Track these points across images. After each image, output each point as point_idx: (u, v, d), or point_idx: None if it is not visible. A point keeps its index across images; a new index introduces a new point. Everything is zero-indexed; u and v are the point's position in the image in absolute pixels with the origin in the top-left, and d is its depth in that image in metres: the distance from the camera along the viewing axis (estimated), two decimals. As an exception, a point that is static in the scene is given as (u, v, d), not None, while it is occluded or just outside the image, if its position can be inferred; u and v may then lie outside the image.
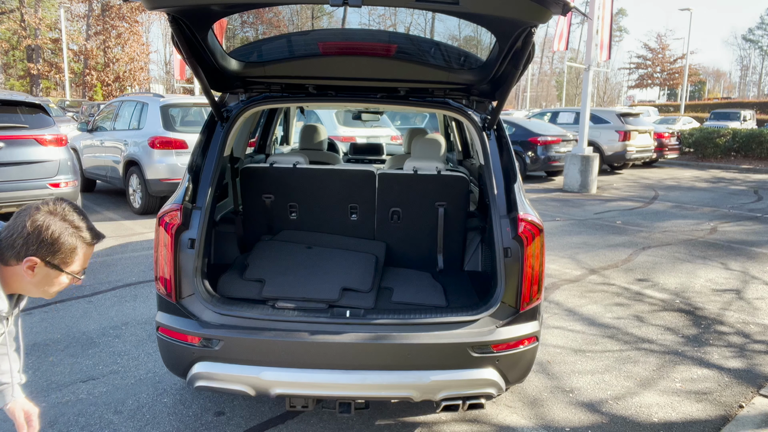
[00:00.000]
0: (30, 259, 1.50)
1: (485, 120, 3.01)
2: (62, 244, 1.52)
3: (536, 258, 2.59)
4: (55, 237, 1.51)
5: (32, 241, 1.50)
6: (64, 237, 1.52)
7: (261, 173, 3.48)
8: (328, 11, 3.03)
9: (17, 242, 1.50)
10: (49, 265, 1.53)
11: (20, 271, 1.53)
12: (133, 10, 36.49)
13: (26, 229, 1.50)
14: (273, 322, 2.53)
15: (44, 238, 1.50)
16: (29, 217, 1.51)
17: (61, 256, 1.54)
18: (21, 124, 6.86)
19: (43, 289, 1.60)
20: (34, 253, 1.51)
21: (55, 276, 1.57)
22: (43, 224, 1.50)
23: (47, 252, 1.51)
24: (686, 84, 38.56)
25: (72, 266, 1.58)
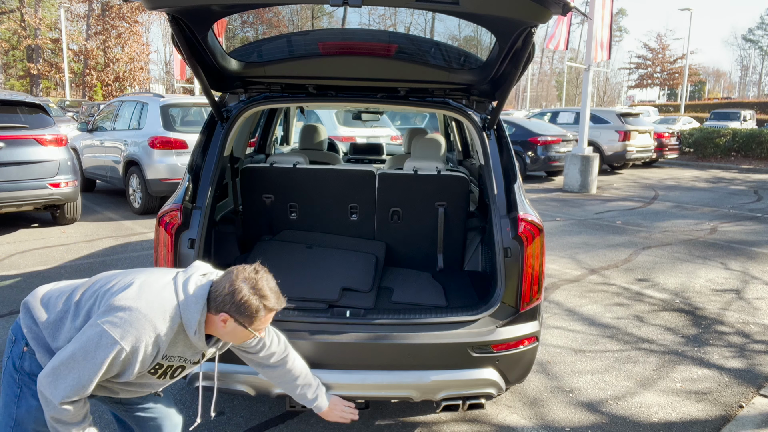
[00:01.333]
0: (223, 315, 1.82)
1: (485, 120, 3.01)
2: (248, 308, 1.81)
3: (536, 258, 2.59)
4: (243, 301, 1.80)
5: (228, 301, 1.80)
6: (251, 302, 1.81)
7: (261, 173, 3.48)
8: (328, 11, 3.03)
9: (218, 298, 1.81)
10: (237, 322, 1.83)
11: (217, 321, 1.84)
12: (133, 10, 36.48)
13: (225, 290, 1.81)
14: (273, 322, 2.52)
15: (236, 300, 1.80)
16: (232, 280, 1.82)
17: (247, 317, 1.82)
18: (21, 124, 6.86)
19: (230, 339, 1.91)
20: (227, 311, 1.81)
21: (241, 331, 1.86)
22: (237, 288, 1.80)
23: (236, 312, 1.81)
24: (686, 84, 38.57)
25: (254, 325, 1.86)
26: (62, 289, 1.95)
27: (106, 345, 1.68)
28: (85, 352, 1.68)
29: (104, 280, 1.88)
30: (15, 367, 1.87)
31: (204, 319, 1.82)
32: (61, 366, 1.69)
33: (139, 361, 1.74)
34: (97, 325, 1.70)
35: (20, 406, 1.86)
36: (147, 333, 1.72)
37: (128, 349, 1.70)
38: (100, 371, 1.69)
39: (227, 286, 1.81)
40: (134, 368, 1.75)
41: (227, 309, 1.81)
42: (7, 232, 7.32)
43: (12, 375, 1.87)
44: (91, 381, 1.70)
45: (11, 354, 1.89)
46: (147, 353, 1.74)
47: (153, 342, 1.74)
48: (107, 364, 1.69)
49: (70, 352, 1.69)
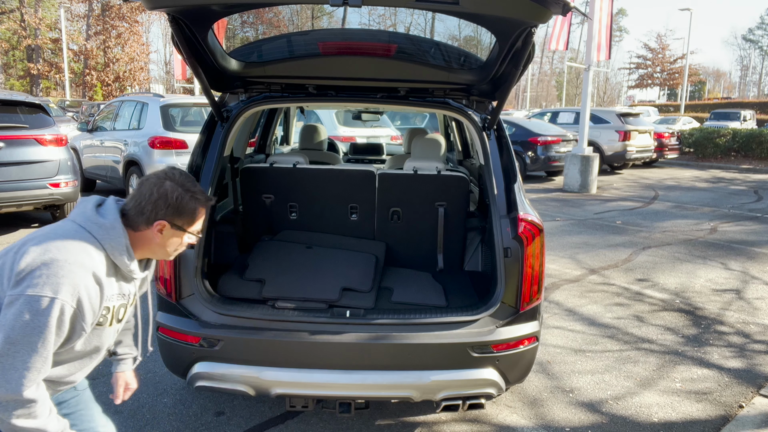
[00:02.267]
0: (160, 222, 1.67)
1: (485, 120, 3.01)
2: (186, 207, 1.69)
3: (536, 258, 2.59)
4: (180, 201, 1.67)
5: (161, 206, 1.66)
6: (186, 200, 1.69)
7: (261, 173, 3.48)
8: (328, 11, 3.03)
9: (147, 209, 1.65)
10: (175, 227, 1.70)
11: (150, 234, 1.69)
12: (133, 10, 36.48)
13: (153, 196, 1.65)
14: (273, 322, 2.53)
15: (171, 202, 1.66)
16: (153, 185, 1.67)
17: (187, 217, 1.71)
18: (21, 124, 6.86)
19: (166, 251, 1.75)
20: (163, 217, 1.66)
21: (179, 237, 1.73)
22: (168, 190, 1.66)
23: (174, 214, 1.68)
24: (686, 84, 38.57)
25: (194, 226, 1.75)
26: None
27: (41, 309, 1.45)
28: (23, 329, 1.44)
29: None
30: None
31: (128, 241, 1.65)
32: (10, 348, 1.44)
33: (88, 310, 1.54)
34: (18, 297, 1.45)
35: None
36: (81, 276, 1.51)
37: (70, 301, 1.49)
38: (48, 340, 1.47)
39: (153, 193, 1.65)
40: (86, 321, 1.55)
41: (162, 215, 1.66)
42: (7, 232, 7.32)
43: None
44: (45, 356, 1.48)
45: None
46: (92, 298, 1.55)
47: (93, 283, 1.55)
48: (53, 328, 1.47)
49: (3, 339, 1.44)
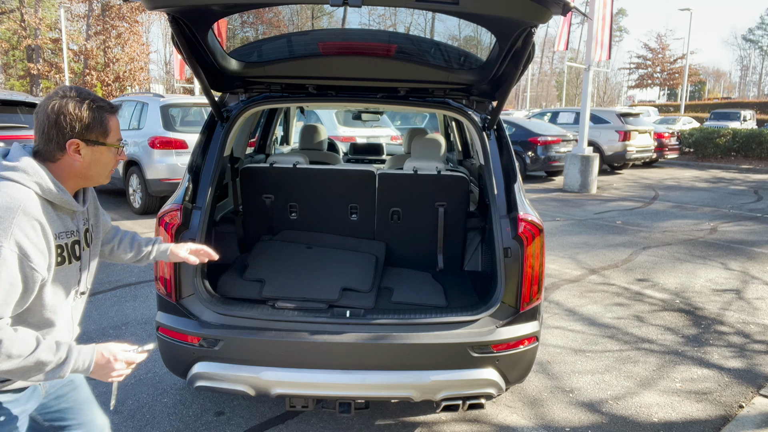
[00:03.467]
0: (72, 141, 1.51)
1: (485, 120, 3.01)
2: (95, 117, 1.53)
3: (536, 258, 2.59)
4: (80, 113, 1.51)
5: (63, 125, 1.49)
6: (92, 110, 1.53)
7: (261, 173, 3.48)
8: (328, 11, 3.03)
9: (52, 133, 1.50)
10: (90, 143, 1.54)
11: (69, 160, 1.54)
12: (133, 10, 36.47)
13: (51, 118, 1.49)
14: (273, 322, 2.53)
15: (72, 117, 1.50)
16: (46, 108, 1.50)
17: (97, 130, 1.55)
18: (21, 124, 6.86)
19: (98, 172, 1.60)
20: (71, 135, 1.51)
21: (100, 153, 1.57)
22: (64, 106, 1.50)
23: (86, 130, 1.52)
24: (686, 84, 38.57)
25: (110, 136, 1.58)
26: None
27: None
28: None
29: None
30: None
31: (50, 173, 1.50)
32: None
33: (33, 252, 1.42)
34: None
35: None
36: (16, 220, 1.40)
37: (12, 247, 1.38)
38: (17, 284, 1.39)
39: (50, 115, 1.49)
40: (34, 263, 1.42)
41: (73, 135, 1.50)
42: (7, 232, 7.32)
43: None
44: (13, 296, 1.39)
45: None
46: (34, 238, 1.43)
47: (30, 225, 1.43)
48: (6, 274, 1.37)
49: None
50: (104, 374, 1.54)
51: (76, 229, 1.64)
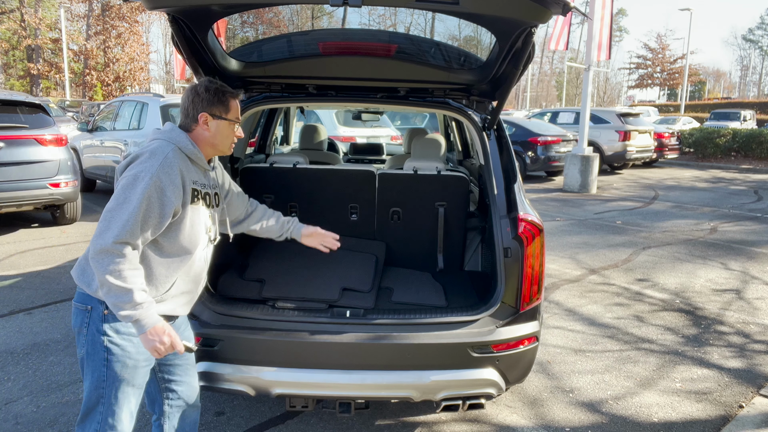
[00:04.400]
0: (202, 115, 1.95)
1: (485, 120, 3.01)
2: (216, 93, 1.96)
3: (536, 258, 2.59)
4: (209, 93, 1.95)
5: (197, 103, 1.95)
6: (214, 88, 1.96)
7: (261, 173, 3.48)
8: (328, 11, 3.03)
9: (189, 109, 1.97)
10: (215, 117, 1.97)
11: (200, 130, 1.98)
12: (133, 10, 36.47)
13: (190, 97, 1.96)
14: (273, 322, 2.53)
15: (203, 97, 1.95)
16: (188, 91, 1.98)
17: (220, 107, 1.97)
18: (21, 124, 6.86)
19: (222, 142, 2.02)
20: (201, 109, 1.95)
21: (224, 126, 1.99)
22: (195, 87, 1.96)
23: (210, 104, 1.95)
24: (686, 84, 38.56)
25: (231, 113, 2.00)
26: None
27: (137, 179, 1.78)
28: (125, 194, 1.77)
29: None
30: (100, 331, 1.88)
31: (188, 138, 1.95)
32: (108, 213, 1.75)
33: (168, 185, 1.82)
34: (124, 177, 1.81)
35: (110, 367, 1.89)
36: (164, 161, 1.84)
37: (158, 176, 1.80)
38: (138, 207, 1.75)
39: (188, 96, 1.96)
40: (167, 196, 1.82)
41: (201, 108, 1.94)
42: (7, 232, 7.32)
43: (97, 340, 1.88)
44: (135, 219, 1.74)
45: (90, 322, 1.89)
46: (173, 176, 1.84)
47: (171, 168, 1.84)
48: (146, 197, 1.76)
49: (113, 200, 1.78)
50: (148, 344, 1.81)
51: (208, 183, 2.07)
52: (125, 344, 1.90)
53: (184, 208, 1.90)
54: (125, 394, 1.93)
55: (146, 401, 2.24)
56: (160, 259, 1.91)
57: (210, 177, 2.09)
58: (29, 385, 3.35)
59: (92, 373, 1.90)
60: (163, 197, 1.81)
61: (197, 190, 1.97)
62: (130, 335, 1.90)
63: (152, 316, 1.79)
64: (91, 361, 1.90)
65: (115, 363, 1.89)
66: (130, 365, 1.91)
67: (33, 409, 3.09)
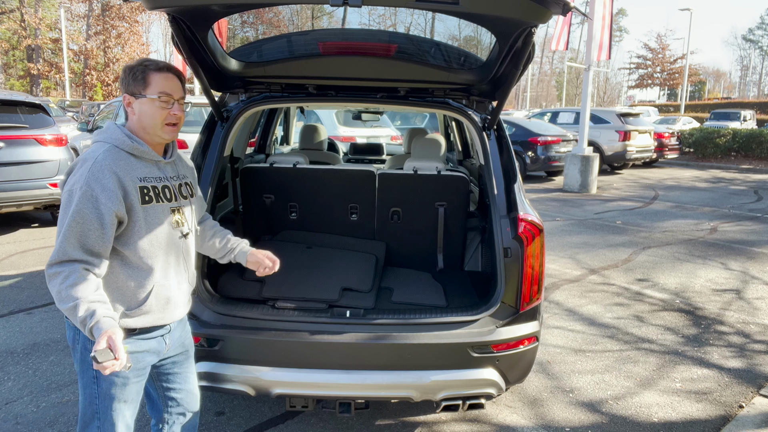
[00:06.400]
0: (124, 97, 1.82)
1: (485, 120, 3.01)
2: (133, 71, 1.80)
3: (536, 258, 2.59)
4: (128, 73, 1.81)
5: (121, 86, 1.84)
6: (134, 71, 1.81)
7: (261, 173, 3.48)
8: (328, 11, 3.03)
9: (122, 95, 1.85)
10: (135, 96, 1.81)
11: (131, 116, 1.84)
12: (133, 10, 36.49)
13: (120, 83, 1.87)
14: (273, 322, 2.53)
15: (123, 78, 1.83)
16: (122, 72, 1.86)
17: (139, 84, 1.80)
18: (21, 124, 6.86)
19: (148, 123, 1.83)
20: (123, 92, 1.83)
21: (146, 105, 1.81)
22: (123, 70, 1.84)
23: (127, 86, 1.81)
24: (686, 84, 38.56)
25: (149, 89, 1.80)
26: None
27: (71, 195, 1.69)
28: (63, 213, 1.70)
29: None
30: (87, 348, 1.82)
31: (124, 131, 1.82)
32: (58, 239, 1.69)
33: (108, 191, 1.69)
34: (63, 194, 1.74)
35: (99, 385, 1.85)
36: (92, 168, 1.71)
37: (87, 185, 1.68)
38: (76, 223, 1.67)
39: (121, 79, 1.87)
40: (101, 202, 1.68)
41: (123, 91, 1.83)
42: (7, 232, 7.32)
43: (86, 357, 1.83)
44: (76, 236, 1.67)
45: (79, 339, 1.84)
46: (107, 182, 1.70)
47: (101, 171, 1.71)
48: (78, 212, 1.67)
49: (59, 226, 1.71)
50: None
51: (164, 176, 1.91)
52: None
53: (132, 211, 1.77)
54: (117, 410, 1.88)
55: (147, 404, 2.20)
56: (128, 272, 1.81)
57: (169, 168, 1.94)
58: (29, 385, 3.35)
59: (84, 389, 1.88)
60: (98, 205, 1.68)
61: (147, 188, 1.82)
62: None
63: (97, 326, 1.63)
64: (82, 378, 1.88)
65: (103, 381, 1.84)
66: (119, 383, 1.85)
67: (33, 409, 3.09)
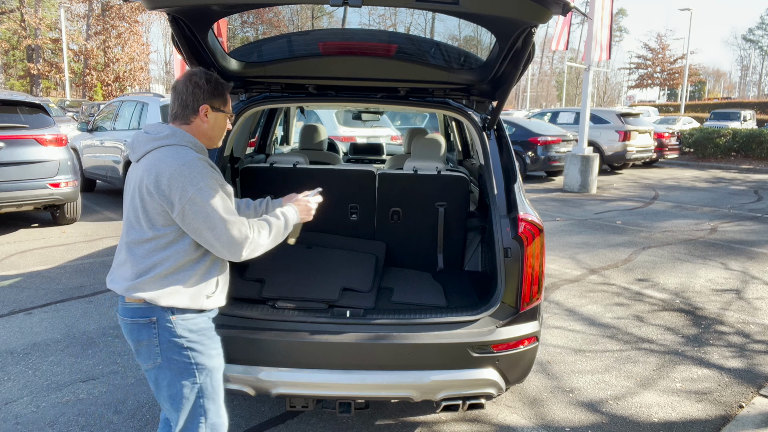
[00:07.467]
0: (203, 107, 1.92)
1: (485, 120, 3.01)
2: (218, 89, 1.95)
3: (536, 258, 2.59)
4: (212, 86, 1.92)
5: (197, 93, 1.91)
6: (216, 84, 1.94)
7: (261, 173, 3.48)
8: (328, 11, 3.03)
9: (189, 100, 1.91)
10: (215, 109, 1.96)
11: (198, 122, 1.94)
12: (133, 10, 36.48)
13: (189, 88, 1.91)
14: (273, 321, 2.53)
15: (205, 89, 1.92)
16: (187, 81, 1.92)
17: (220, 99, 1.96)
18: (21, 124, 6.86)
19: (215, 134, 2.01)
20: (203, 101, 1.92)
21: (221, 119, 1.99)
22: (195, 77, 1.92)
23: (210, 96, 1.93)
24: (686, 84, 38.56)
25: (227, 107, 2.00)
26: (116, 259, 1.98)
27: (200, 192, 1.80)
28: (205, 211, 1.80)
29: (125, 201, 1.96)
30: (175, 335, 1.89)
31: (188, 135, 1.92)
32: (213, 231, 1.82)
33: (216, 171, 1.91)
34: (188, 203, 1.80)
35: (198, 363, 1.94)
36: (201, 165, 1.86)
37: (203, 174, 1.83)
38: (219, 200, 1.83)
39: (188, 86, 1.91)
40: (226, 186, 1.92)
41: (203, 100, 1.91)
42: (7, 232, 7.32)
43: (174, 346, 1.90)
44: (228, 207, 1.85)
45: (159, 332, 1.89)
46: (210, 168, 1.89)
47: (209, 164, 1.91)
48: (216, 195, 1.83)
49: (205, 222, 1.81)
50: (306, 216, 2.17)
51: None
52: (202, 338, 1.95)
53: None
54: (219, 380, 2.01)
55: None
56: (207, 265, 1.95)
57: None
58: (29, 385, 3.35)
59: (179, 375, 1.92)
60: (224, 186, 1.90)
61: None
62: (201, 330, 1.95)
63: (291, 214, 2.07)
64: (174, 366, 1.92)
65: (200, 357, 1.94)
66: (214, 354, 2.00)
67: (33, 409, 3.10)
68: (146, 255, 1.86)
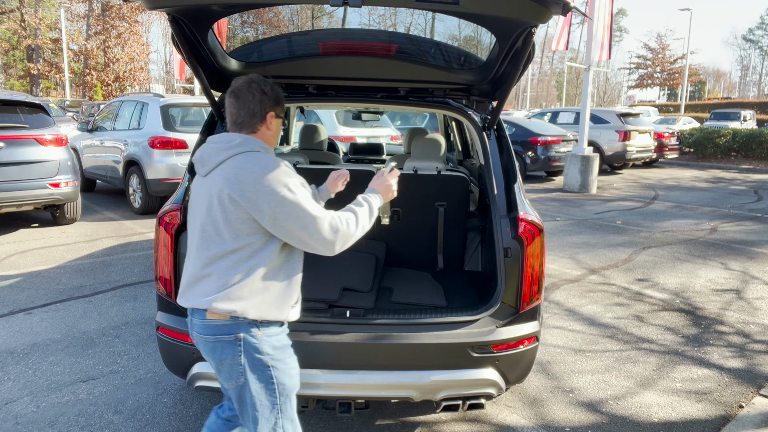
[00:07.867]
0: (271, 113, 1.97)
1: (485, 120, 3.01)
2: (279, 93, 1.99)
3: (536, 258, 2.59)
4: (275, 94, 1.97)
5: (264, 100, 1.94)
6: (278, 92, 1.99)
7: None
8: (328, 11, 3.03)
9: (256, 109, 1.93)
10: (277, 116, 2.01)
11: (264, 129, 1.98)
12: (133, 10, 36.48)
13: (254, 96, 1.92)
14: None
15: (271, 96, 1.95)
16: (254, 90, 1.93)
17: (280, 106, 2.01)
18: (21, 124, 6.86)
19: (275, 141, 2.06)
20: (270, 108, 1.96)
21: (279, 125, 2.03)
22: (259, 85, 1.94)
23: (275, 104, 1.97)
24: (686, 84, 38.56)
25: (283, 113, 2.05)
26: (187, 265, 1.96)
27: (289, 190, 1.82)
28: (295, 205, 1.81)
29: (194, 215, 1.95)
30: (260, 352, 1.87)
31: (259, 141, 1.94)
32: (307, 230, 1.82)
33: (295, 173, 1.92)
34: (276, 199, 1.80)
35: (280, 382, 1.91)
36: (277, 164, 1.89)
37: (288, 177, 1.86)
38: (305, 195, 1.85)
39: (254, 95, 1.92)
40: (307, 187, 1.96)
41: (270, 107, 1.95)
42: (7, 232, 7.32)
43: (258, 363, 1.87)
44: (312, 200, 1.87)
45: (244, 349, 1.86)
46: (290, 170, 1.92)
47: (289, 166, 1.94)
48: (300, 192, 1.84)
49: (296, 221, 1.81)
50: (389, 195, 2.15)
51: None
52: (284, 356, 1.93)
53: None
54: (292, 401, 1.98)
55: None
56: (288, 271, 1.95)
57: None
58: (29, 385, 3.35)
59: (260, 394, 1.89)
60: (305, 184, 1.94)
61: None
62: (284, 347, 1.95)
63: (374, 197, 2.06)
64: (259, 384, 1.88)
65: (282, 377, 1.92)
66: (294, 374, 1.97)
67: (33, 409, 3.10)
68: (232, 266, 1.83)
